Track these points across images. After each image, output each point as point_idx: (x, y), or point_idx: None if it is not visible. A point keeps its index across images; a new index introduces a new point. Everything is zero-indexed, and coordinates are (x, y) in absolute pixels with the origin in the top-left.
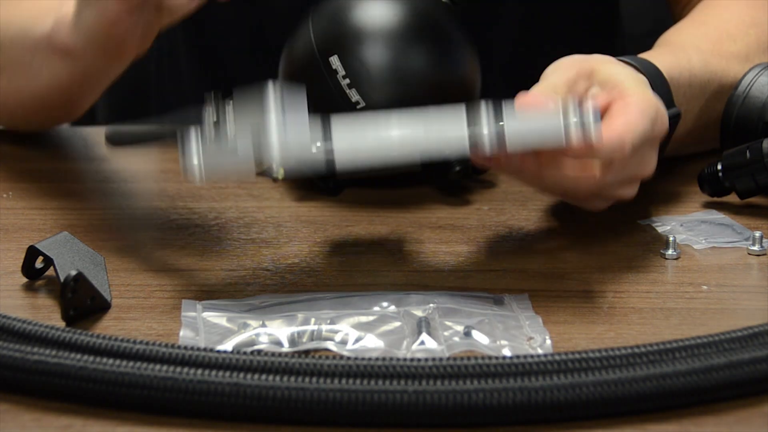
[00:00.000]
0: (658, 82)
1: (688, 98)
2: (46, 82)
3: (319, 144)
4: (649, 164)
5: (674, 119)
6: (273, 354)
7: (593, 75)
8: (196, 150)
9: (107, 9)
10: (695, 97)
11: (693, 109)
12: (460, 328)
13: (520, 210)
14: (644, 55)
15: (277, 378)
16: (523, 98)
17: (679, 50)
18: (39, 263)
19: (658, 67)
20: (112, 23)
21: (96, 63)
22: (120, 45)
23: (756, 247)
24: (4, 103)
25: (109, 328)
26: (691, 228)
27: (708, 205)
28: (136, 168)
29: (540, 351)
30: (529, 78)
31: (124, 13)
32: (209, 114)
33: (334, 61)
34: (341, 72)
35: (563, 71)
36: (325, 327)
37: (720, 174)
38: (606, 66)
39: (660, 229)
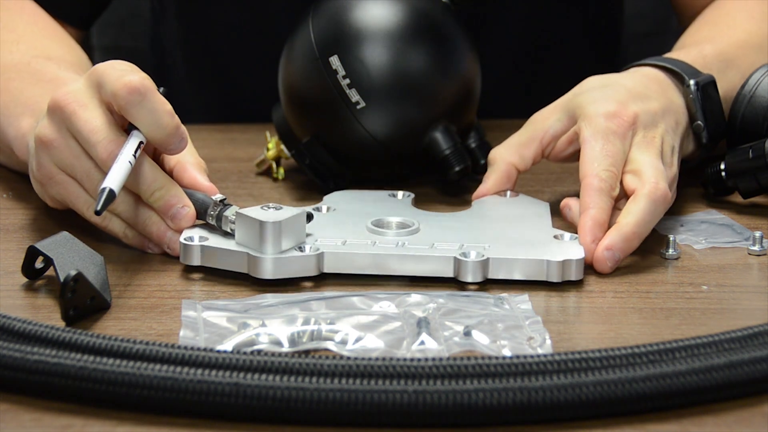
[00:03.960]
0: (676, 64)
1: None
2: (20, 169)
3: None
4: (654, 141)
5: (706, 84)
6: (273, 354)
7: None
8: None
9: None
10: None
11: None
12: (460, 328)
13: None
14: (652, 59)
15: (277, 378)
16: None
17: (691, 46)
18: (39, 263)
19: (673, 58)
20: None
21: None
22: None
23: (756, 247)
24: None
25: (109, 328)
26: (691, 228)
27: (709, 205)
28: None
29: (540, 351)
30: (529, 78)
31: None
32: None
33: (334, 61)
34: (341, 72)
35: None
36: (325, 327)
37: (723, 174)
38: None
39: (660, 229)
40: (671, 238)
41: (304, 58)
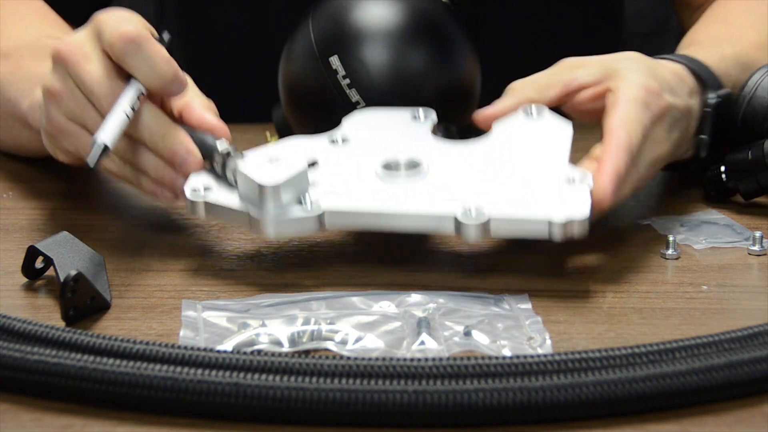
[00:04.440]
0: (701, 68)
1: (735, 82)
2: (30, 146)
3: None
4: (661, 144)
5: (725, 99)
6: (273, 354)
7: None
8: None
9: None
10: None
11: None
12: (460, 328)
13: None
14: (679, 57)
15: (277, 378)
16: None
17: (710, 46)
18: (39, 263)
19: (697, 59)
20: None
21: None
22: None
23: (756, 247)
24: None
25: (109, 328)
26: (691, 228)
27: (709, 205)
28: None
29: (540, 351)
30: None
31: None
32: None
33: (334, 61)
34: (341, 72)
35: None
36: (325, 327)
37: (723, 175)
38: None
39: (660, 229)
40: (671, 238)
41: (304, 58)
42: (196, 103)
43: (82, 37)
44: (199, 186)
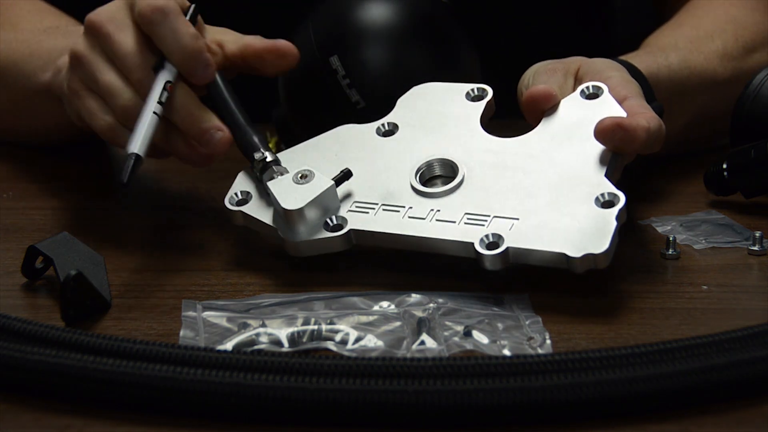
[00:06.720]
0: (638, 78)
1: (671, 93)
2: (49, 122)
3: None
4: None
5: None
6: (273, 354)
7: (579, 71)
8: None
9: None
10: (677, 93)
11: (677, 105)
12: (460, 328)
13: None
14: (622, 58)
15: (277, 378)
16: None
17: (657, 50)
18: (39, 263)
19: (635, 65)
20: None
21: None
22: None
23: (756, 247)
24: (13, 136)
25: (109, 328)
26: (691, 228)
27: (709, 205)
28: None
29: (540, 351)
30: None
31: None
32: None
33: (334, 61)
34: (341, 72)
35: (547, 75)
36: (325, 327)
37: (725, 173)
38: (587, 60)
39: (660, 229)
40: (671, 238)
41: (304, 58)
42: (250, 39)
43: (115, 8)
44: (239, 194)
